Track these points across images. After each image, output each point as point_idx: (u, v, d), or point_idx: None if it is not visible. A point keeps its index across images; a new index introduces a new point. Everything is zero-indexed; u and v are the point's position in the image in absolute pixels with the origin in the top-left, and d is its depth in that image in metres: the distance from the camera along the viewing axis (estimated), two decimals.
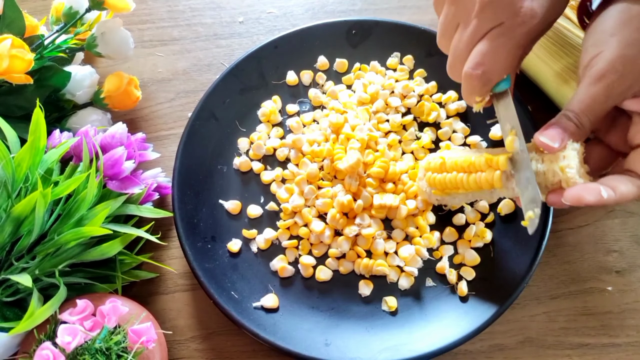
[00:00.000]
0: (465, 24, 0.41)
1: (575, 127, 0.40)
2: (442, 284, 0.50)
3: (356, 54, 0.60)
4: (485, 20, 0.40)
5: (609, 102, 0.39)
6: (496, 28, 0.40)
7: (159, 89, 0.62)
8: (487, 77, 0.41)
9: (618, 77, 0.38)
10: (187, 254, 0.49)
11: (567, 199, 0.38)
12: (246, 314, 0.47)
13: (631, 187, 0.38)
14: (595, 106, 0.39)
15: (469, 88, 0.42)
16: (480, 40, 0.41)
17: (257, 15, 0.66)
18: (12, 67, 0.47)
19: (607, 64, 0.38)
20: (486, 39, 0.40)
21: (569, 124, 0.40)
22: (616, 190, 0.38)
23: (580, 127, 0.40)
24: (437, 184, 0.47)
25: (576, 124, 0.40)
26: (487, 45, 0.40)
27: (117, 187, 0.47)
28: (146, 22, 0.66)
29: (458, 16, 0.42)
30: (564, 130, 0.40)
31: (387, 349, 0.46)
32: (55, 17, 0.57)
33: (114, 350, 0.40)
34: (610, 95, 0.39)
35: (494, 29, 0.40)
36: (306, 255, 0.51)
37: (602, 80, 0.38)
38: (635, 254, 0.52)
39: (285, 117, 0.58)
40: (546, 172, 0.40)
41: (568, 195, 0.38)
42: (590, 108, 0.39)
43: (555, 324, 0.50)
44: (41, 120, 0.44)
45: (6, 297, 0.43)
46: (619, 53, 0.38)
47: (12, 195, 0.43)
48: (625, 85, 0.38)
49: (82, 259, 0.45)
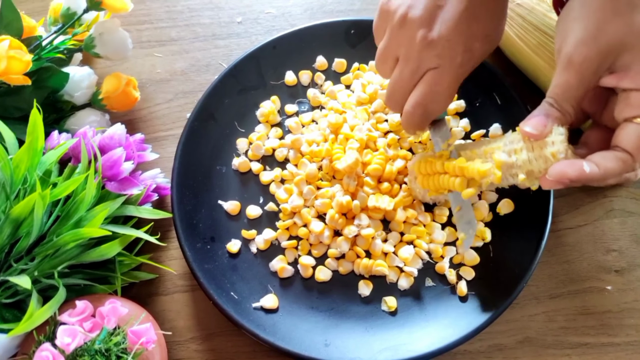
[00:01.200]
0: (405, 60, 0.44)
1: (558, 112, 0.41)
2: (441, 284, 0.50)
3: (355, 54, 0.60)
4: (425, 61, 0.42)
5: (584, 85, 0.40)
6: (434, 70, 0.42)
7: (157, 89, 0.62)
8: (427, 116, 0.44)
9: (583, 59, 0.39)
10: (187, 255, 0.49)
11: (551, 174, 0.39)
12: (246, 315, 0.47)
13: (615, 162, 0.39)
14: (571, 91, 0.40)
15: (410, 123, 0.45)
16: (419, 80, 0.43)
17: (256, 16, 0.66)
18: (10, 68, 0.47)
19: (572, 48, 0.39)
20: (425, 80, 0.43)
21: (551, 110, 0.41)
22: (600, 166, 0.38)
23: (563, 111, 0.41)
24: (430, 186, 0.48)
25: (558, 109, 0.41)
26: (426, 86, 0.43)
27: (116, 188, 0.47)
28: (144, 22, 0.65)
29: (397, 50, 0.44)
30: (547, 117, 0.41)
31: (387, 349, 0.46)
32: (53, 18, 0.57)
33: (114, 352, 0.40)
34: (582, 77, 0.39)
35: (432, 70, 0.43)
36: (305, 255, 0.51)
37: (570, 65, 0.39)
38: (634, 253, 0.53)
39: (284, 118, 0.58)
40: (537, 159, 0.41)
41: (552, 171, 0.40)
42: (567, 93, 0.40)
43: (555, 323, 0.50)
44: (39, 121, 0.44)
45: (5, 299, 0.43)
46: (581, 35, 0.39)
47: (11, 197, 0.43)
48: (594, 65, 0.39)
49: (81, 260, 0.45)
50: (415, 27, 0.42)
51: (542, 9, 0.55)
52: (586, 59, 0.39)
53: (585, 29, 0.39)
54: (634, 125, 0.39)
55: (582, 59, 0.39)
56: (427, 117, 0.44)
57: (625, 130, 0.39)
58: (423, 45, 0.42)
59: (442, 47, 0.42)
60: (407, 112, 0.44)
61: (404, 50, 0.43)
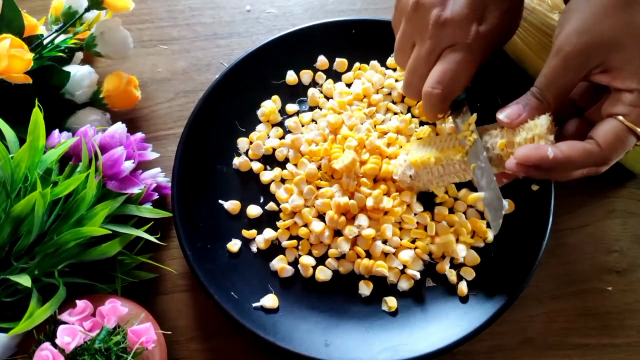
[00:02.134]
0: (421, 41, 0.44)
1: (537, 102, 0.41)
2: (442, 284, 0.50)
3: (356, 54, 0.60)
4: (441, 40, 0.43)
5: (569, 75, 0.40)
6: (452, 47, 0.43)
7: (158, 88, 0.62)
8: (446, 95, 0.43)
9: (572, 48, 0.39)
10: (187, 254, 0.49)
11: (517, 156, 0.40)
12: (246, 315, 0.47)
13: (581, 151, 0.39)
14: (556, 79, 0.40)
15: (430, 105, 0.44)
16: (437, 59, 0.43)
17: (257, 15, 0.66)
18: (11, 66, 0.47)
19: (564, 37, 0.40)
20: (443, 59, 0.43)
21: (531, 99, 0.42)
22: (564, 152, 0.39)
23: (543, 101, 0.41)
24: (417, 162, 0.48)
25: (539, 98, 0.41)
26: (444, 64, 0.43)
27: (117, 187, 0.47)
28: (145, 21, 0.65)
29: (414, 35, 0.44)
30: (524, 107, 0.42)
31: (387, 349, 0.46)
32: (55, 16, 0.57)
33: (114, 351, 0.40)
34: (568, 67, 0.40)
35: (449, 48, 0.43)
36: (306, 255, 0.51)
37: (559, 53, 0.40)
38: (635, 254, 0.52)
39: (285, 117, 0.58)
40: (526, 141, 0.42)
41: (517, 154, 0.40)
42: (551, 82, 0.41)
43: (556, 324, 0.50)
44: (40, 120, 0.44)
45: (5, 298, 0.43)
46: (576, 26, 0.39)
47: (12, 195, 0.43)
48: (581, 56, 0.39)
49: (81, 259, 0.45)
50: (428, 9, 0.43)
51: (543, 10, 0.55)
52: (574, 49, 0.39)
53: (582, 20, 0.39)
54: (615, 122, 0.39)
55: (570, 49, 0.39)
56: (447, 97, 0.44)
57: (605, 124, 0.39)
58: (438, 24, 0.42)
59: (456, 24, 0.42)
60: (426, 93, 0.44)
61: (420, 33, 0.43)
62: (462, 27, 0.42)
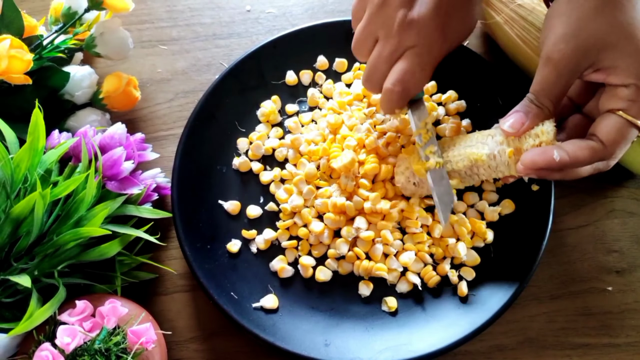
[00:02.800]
0: (385, 39, 0.44)
1: (537, 108, 0.41)
2: (442, 285, 0.50)
3: None
4: (404, 40, 0.43)
5: (562, 81, 0.40)
6: (413, 48, 0.43)
7: (158, 89, 0.62)
8: (406, 93, 0.44)
9: (561, 55, 0.39)
10: (187, 255, 0.49)
11: (523, 162, 0.41)
12: (246, 315, 0.47)
13: (586, 150, 0.39)
14: (550, 87, 0.41)
15: (389, 100, 0.45)
16: (399, 58, 0.44)
17: (257, 15, 0.66)
18: (11, 67, 0.47)
19: (551, 44, 0.40)
20: (404, 58, 0.44)
21: (531, 106, 0.42)
22: (570, 153, 0.39)
23: (542, 107, 0.41)
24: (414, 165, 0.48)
25: (537, 105, 0.41)
26: (406, 64, 0.44)
27: (116, 187, 0.47)
28: (145, 22, 0.65)
29: (377, 31, 0.45)
30: (526, 115, 0.42)
31: (387, 349, 0.46)
32: (54, 17, 0.57)
33: (114, 351, 0.40)
34: (560, 74, 0.40)
35: (411, 48, 0.43)
36: (306, 255, 0.51)
37: (549, 61, 0.40)
38: (635, 254, 0.52)
39: (284, 117, 0.58)
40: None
41: (524, 159, 0.41)
42: (545, 89, 0.41)
43: (555, 324, 0.50)
44: (40, 120, 0.44)
45: (5, 298, 0.43)
46: (562, 32, 0.39)
47: (11, 196, 0.43)
48: (572, 63, 0.39)
49: (81, 259, 0.45)
50: (395, 7, 0.43)
51: (542, 10, 0.55)
52: (564, 56, 0.39)
53: (567, 25, 0.39)
54: (615, 117, 0.39)
55: (560, 56, 0.39)
56: (406, 95, 0.45)
57: (605, 120, 0.40)
58: (403, 24, 0.43)
59: (422, 26, 0.43)
60: (386, 90, 0.45)
61: (384, 30, 0.44)
62: (426, 29, 0.43)
